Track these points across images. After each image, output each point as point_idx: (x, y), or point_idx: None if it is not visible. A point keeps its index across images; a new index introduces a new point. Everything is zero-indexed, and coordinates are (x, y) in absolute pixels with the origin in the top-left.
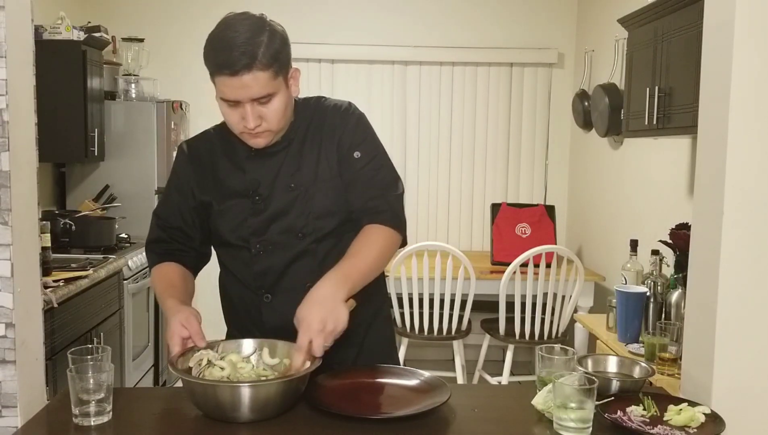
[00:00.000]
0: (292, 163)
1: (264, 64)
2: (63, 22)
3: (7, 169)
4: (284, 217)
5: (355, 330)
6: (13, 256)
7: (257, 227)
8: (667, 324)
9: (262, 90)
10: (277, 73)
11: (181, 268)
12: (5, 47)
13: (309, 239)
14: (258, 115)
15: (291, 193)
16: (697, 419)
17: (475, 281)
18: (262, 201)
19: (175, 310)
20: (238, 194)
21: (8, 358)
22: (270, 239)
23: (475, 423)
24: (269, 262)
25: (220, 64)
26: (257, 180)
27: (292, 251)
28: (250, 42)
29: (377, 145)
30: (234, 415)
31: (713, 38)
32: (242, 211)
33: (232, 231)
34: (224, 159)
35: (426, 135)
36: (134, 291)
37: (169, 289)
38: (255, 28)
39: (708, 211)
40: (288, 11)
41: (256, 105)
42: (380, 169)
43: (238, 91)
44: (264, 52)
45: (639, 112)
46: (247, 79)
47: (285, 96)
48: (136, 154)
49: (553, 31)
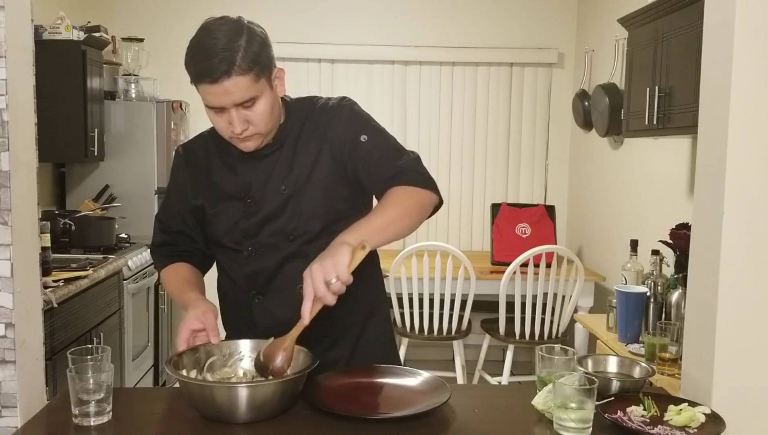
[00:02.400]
0: (285, 165)
1: (243, 68)
2: (63, 22)
3: (7, 169)
4: (276, 220)
5: (348, 328)
6: (13, 256)
7: (249, 230)
8: (667, 324)
9: (244, 94)
10: (258, 76)
11: (191, 267)
12: (5, 47)
13: (299, 241)
14: (244, 120)
15: (282, 195)
16: (697, 419)
17: (475, 281)
18: (254, 203)
19: (194, 304)
20: (230, 197)
21: (8, 358)
22: (262, 242)
23: (475, 423)
24: (261, 265)
25: (200, 73)
26: (249, 182)
27: (283, 253)
28: (228, 47)
29: (377, 125)
30: (231, 416)
31: (713, 38)
32: (234, 213)
33: (224, 234)
34: (218, 161)
35: (426, 135)
36: (134, 291)
37: (185, 284)
38: (232, 32)
39: (708, 211)
40: (288, 11)
41: (240, 109)
42: (388, 144)
43: (221, 98)
44: (243, 56)
45: (639, 112)
46: (227, 85)
47: (270, 97)
48: (136, 154)
49: (553, 31)
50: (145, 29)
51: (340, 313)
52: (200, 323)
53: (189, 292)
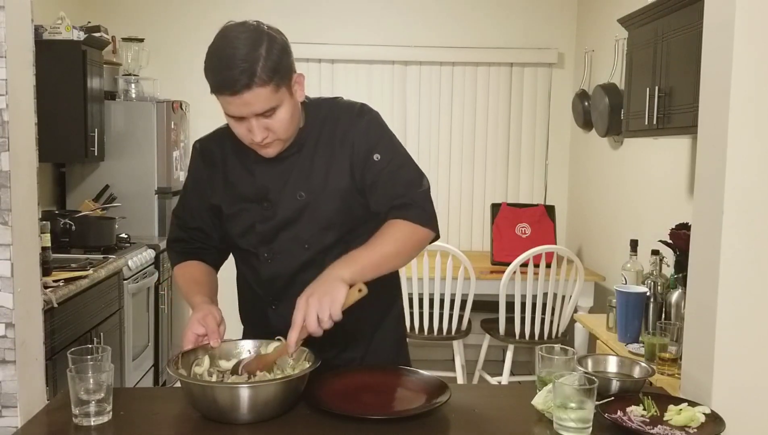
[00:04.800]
0: (303, 170)
1: (264, 79)
2: (63, 22)
3: (7, 169)
4: (292, 226)
5: (363, 329)
6: (13, 256)
7: (266, 234)
8: (667, 324)
9: (265, 105)
10: (278, 86)
11: (204, 266)
12: (5, 47)
13: (313, 250)
14: (264, 128)
15: (299, 202)
16: (697, 419)
17: (475, 281)
18: (271, 208)
19: (198, 308)
20: (247, 199)
21: (8, 358)
22: (278, 247)
23: (475, 423)
24: (277, 270)
25: (220, 84)
26: (266, 186)
27: (299, 260)
28: (248, 58)
29: (395, 144)
30: (233, 416)
31: (713, 38)
32: (251, 216)
33: (241, 236)
34: (235, 160)
35: (426, 135)
36: (134, 291)
37: (194, 286)
38: (252, 41)
39: (708, 211)
40: (288, 11)
41: (261, 119)
42: (401, 167)
43: (241, 108)
44: (263, 67)
45: (639, 112)
46: (248, 97)
47: (290, 105)
48: (136, 154)
49: (553, 31)
50: (145, 29)
51: (354, 317)
52: (202, 328)
53: (196, 294)
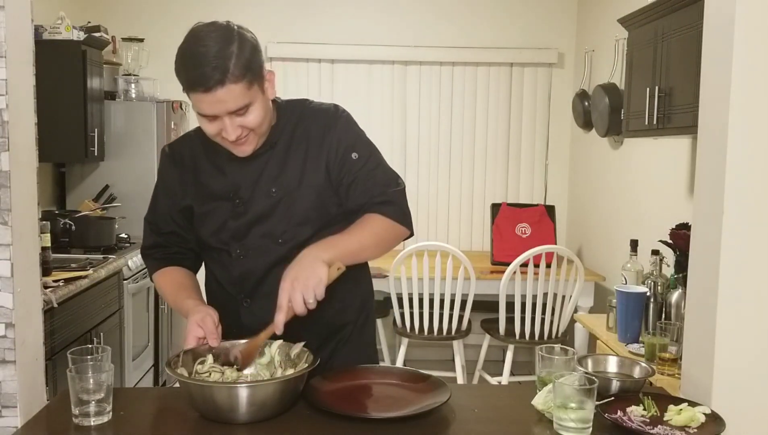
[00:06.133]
0: (276, 167)
1: (237, 76)
2: (63, 22)
3: (7, 169)
4: (265, 222)
5: (334, 334)
6: (13, 256)
7: (237, 231)
8: (667, 324)
9: (237, 102)
10: (251, 83)
11: (185, 270)
12: (5, 47)
13: (289, 245)
14: (238, 126)
15: (272, 198)
16: (697, 419)
17: (475, 281)
18: (243, 204)
19: (193, 311)
20: (218, 197)
21: (8, 358)
22: (250, 244)
23: (475, 423)
24: (249, 267)
25: (192, 82)
26: (237, 183)
27: (272, 256)
28: (220, 55)
29: (369, 143)
30: (231, 416)
31: (713, 38)
32: (223, 214)
33: (212, 234)
34: (206, 161)
35: (426, 135)
36: (134, 291)
37: (182, 291)
38: (223, 39)
39: (708, 211)
40: (288, 11)
41: (234, 117)
42: (377, 166)
43: (214, 106)
44: (235, 64)
45: (639, 112)
46: (221, 93)
47: (263, 102)
48: (136, 154)
49: (553, 31)
50: (145, 29)
51: (327, 317)
52: (201, 330)
53: (186, 298)
